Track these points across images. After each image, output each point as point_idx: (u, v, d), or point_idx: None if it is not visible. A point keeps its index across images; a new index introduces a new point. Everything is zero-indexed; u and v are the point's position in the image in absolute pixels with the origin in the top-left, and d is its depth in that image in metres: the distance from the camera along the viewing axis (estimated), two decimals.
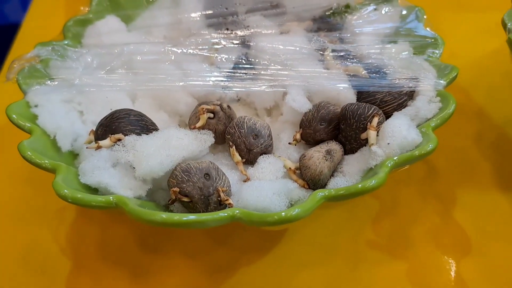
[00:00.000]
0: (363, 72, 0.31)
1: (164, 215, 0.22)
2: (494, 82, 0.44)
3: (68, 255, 0.33)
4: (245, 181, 0.28)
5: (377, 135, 0.28)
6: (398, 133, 0.27)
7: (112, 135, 0.27)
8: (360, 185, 0.24)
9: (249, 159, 0.29)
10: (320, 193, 0.23)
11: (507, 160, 0.39)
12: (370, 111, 0.28)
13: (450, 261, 0.33)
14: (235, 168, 0.29)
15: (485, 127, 0.42)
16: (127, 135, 0.27)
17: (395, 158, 0.25)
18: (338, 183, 0.27)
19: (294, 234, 0.34)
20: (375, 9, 0.38)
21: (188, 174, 0.26)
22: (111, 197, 0.23)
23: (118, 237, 0.34)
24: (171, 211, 0.27)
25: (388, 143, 0.26)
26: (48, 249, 0.33)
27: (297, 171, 0.29)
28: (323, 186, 0.27)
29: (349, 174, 0.28)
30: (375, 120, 0.28)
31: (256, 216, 0.23)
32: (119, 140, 0.27)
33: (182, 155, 0.27)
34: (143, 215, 0.22)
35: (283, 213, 0.22)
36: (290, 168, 0.28)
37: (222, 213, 0.22)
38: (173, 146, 0.27)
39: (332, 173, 0.28)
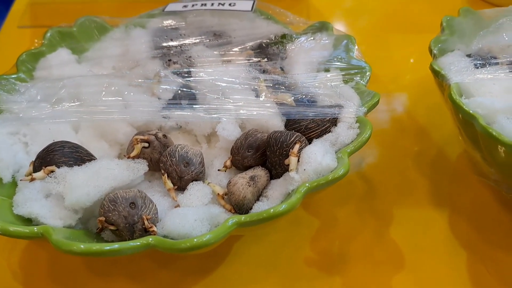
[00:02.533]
0: (289, 100, 0.33)
1: (82, 246, 0.24)
2: (435, 102, 0.46)
3: (19, 280, 0.34)
4: (176, 207, 0.30)
5: (298, 161, 0.30)
6: (314, 159, 0.28)
7: (46, 167, 0.29)
8: (272, 210, 0.25)
9: (181, 186, 0.31)
10: (231, 220, 0.25)
11: (443, 179, 0.41)
12: (292, 138, 0.30)
13: (384, 277, 0.34)
14: (169, 195, 0.31)
15: (424, 146, 0.44)
16: (60, 167, 0.29)
17: (307, 184, 0.27)
18: (260, 207, 0.29)
19: (237, 254, 0.36)
20: (312, 38, 0.40)
21: (114, 203, 0.27)
22: (35, 228, 0.25)
23: (68, 262, 0.35)
24: (103, 238, 0.28)
25: (304, 169, 0.28)
26: (1, 274, 0.34)
27: (226, 196, 0.30)
28: (248, 210, 0.29)
29: (272, 199, 0.29)
30: (297, 146, 0.30)
31: (169, 244, 0.24)
32: (52, 172, 0.29)
33: (111, 185, 0.28)
34: (62, 246, 0.24)
35: (195, 240, 0.24)
36: (218, 193, 0.30)
37: (134, 242, 0.24)
38: (103, 176, 0.28)
39: (258, 197, 0.30)
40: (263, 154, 0.32)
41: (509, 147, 0.28)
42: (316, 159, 0.28)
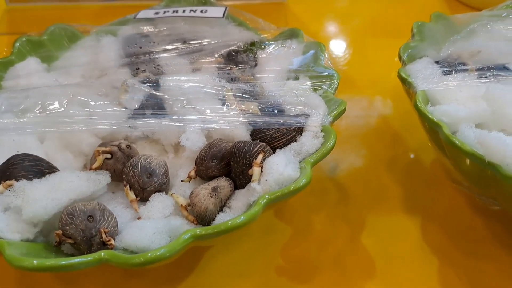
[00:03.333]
0: (255, 109, 0.33)
1: (35, 261, 0.23)
2: (411, 108, 0.46)
3: None
4: (139, 218, 0.29)
5: (261, 172, 0.29)
6: (276, 169, 0.28)
7: (5, 182, 0.29)
8: (230, 222, 0.25)
9: (144, 197, 0.30)
10: (185, 234, 0.24)
11: (417, 185, 0.41)
12: (256, 149, 0.30)
13: (354, 285, 0.34)
14: (132, 207, 0.30)
15: (399, 152, 0.44)
16: (19, 180, 0.29)
17: (266, 196, 0.27)
18: (223, 218, 0.28)
19: (208, 263, 0.35)
20: (282, 45, 0.40)
21: (72, 216, 0.27)
22: None
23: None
24: (63, 251, 0.28)
25: (266, 180, 0.28)
26: None
27: (189, 207, 0.30)
28: (210, 221, 0.29)
29: (235, 209, 0.29)
30: (260, 157, 0.29)
31: (122, 258, 0.24)
32: (10, 186, 0.28)
33: (69, 197, 0.28)
34: (14, 261, 0.23)
35: (149, 254, 0.23)
36: (181, 204, 0.30)
37: (85, 258, 0.23)
38: (62, 189, 0.28)
39: (221, 208, 0.30)
40: (228, 164, 0.31)
41: (471, 156, 0.27)
42: (278, 169, 0.28)
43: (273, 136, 0.32)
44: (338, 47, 0.56)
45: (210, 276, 0.34)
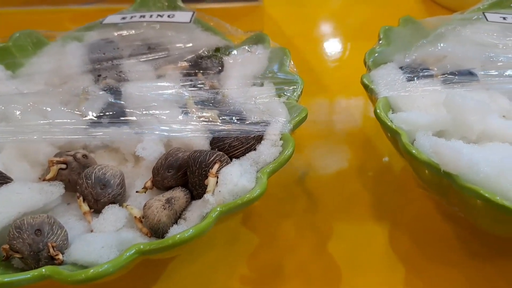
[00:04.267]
0: (214, 117, 0.32)
1: None
2: None
3: None
4: (92, 231, 0.29)
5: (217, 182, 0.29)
6: (230, 180, 0.27)
7: None
8: (178, 236, 0.24)
9: (98, 209, 0.30)
10: (129, 251, 0.24)
11: (386, 191, 0.40)
12: (212, 158, 0.29)
13: None
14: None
15: (369, 158, 0.43)
16: None
17: (218, 208, 0.26)
18: (177, 230, 0.28)
19: (172, 273, 0.35)
20: (248, 51, 0.39)
21: (19, 230, 0.26)
22: None
23: None
24: (13, 265, 0.27)
25: (220, 191, 0.27)
26: None
27: (144, 219, 0.29)
28: (163, 234, 0.28)
29: (190, 221, 0.28)
30: (216, 167, 0.29)
31: (64, 275, 0.23)
32: None
33: (19, 210, 0.27)
34: None
35: (91, 270, 0.23)
36: (135, 216, 0.29)
37: (25, 275, 0.23)
38: (11, 201, 0.27)
39: (176, 220, 0.29)
40: (185, 174, 0.31)
41: (427, 165, 0.27)
42: (232, 180, 0.27)
43: (232, 145, 0.31)
44: (313, 50, 0.56)
45: (174, 286, 0.34)
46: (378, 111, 0.31)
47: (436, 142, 0.26)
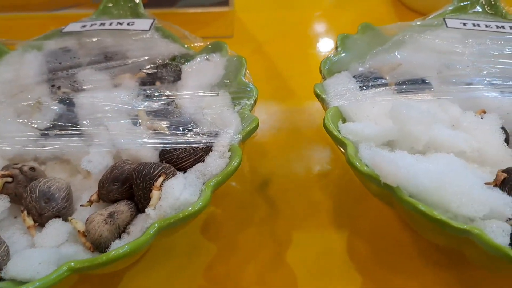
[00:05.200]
0: (164, 128, 0.32)
1: None
2: None
3: None
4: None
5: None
6: (171, 194, 0.27)
7: None
8: (112, 253, 0.24)
9: (42, 223, 0.29)
10: (60, 269, 0.24)
11: (347, 199, 0.40)
12: (156, 171, 0.29)
13: None
14: None
15: (332, 166, 0.43)
16: None
17: (156, 224, 0.26)
18: (118, 245, 0.27)
19: (131, 282, 0.34)
20: (206, 59, 0.39)
21: None
22: None
23: None
24: None
25: (161, 205, 0.27)
26: None
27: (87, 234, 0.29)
28: (105, 249, 0.28)
29: (133, 235, 0.28)
30: (160, 180, 0.29)
31: None
32: None
33: None
34: None
35: None
36: (79, 230, 0.29)
37: None
38: None
39: (119, 234, 0.29)
40: (131, 187, 0.30)
41: (368, 177, 0.27)
42: (173, 194, 0.27)
43: (180, 157, 0.31)
44: (283, 55, 0.55)
45: None
46: (326, 121, 0.30)
47: (374, 154, 0.26)
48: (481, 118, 0.31)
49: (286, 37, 0.58)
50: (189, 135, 0.31)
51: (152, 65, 0.38)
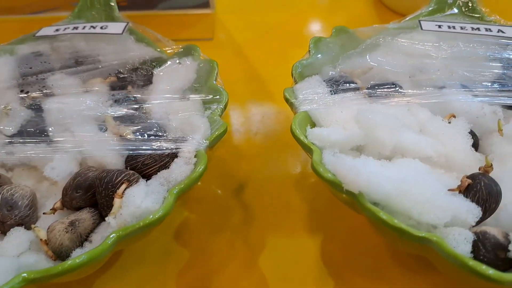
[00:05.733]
0: (129, 134, 0.31)
1: None
2: None
3: None
4: None
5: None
6: (132, 202, 0.27)
7: None
8: (69, 263, 0.24)
9: (5, 231, 0.29)
10: (13, 281, 0.23)
11: (322, 204, 0.40)
12: (119, 179, 0.29)
13: None
14: None
15: (307, 171, 0.43)
16: None
17: (112, 235, 0.25)
18: (79, 253, 0.27)
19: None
20: (178, 63, 0.38)
21: None
22: None
23: None
24: None
25: (121, 214, 0.27)
26: None
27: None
28: (67, 257, 0.27)
29: (95, 243, 0.28)
30: (122, 187, 0.28)
31: None
32: None
33: None
34: None
35: None
36: (41, 239, 0.28)
37: None
38: None
39: (81, 242, 0.28)
40: (95, 194, 0.30)
41: (331, 184, 0.26)
42: (134, 202, 0.27)
43: (145, 163, 0.30)
44: (263, 57, 0.55)
45: None
46: (293, 126, 0.30)
47: (336, 161, 0.26)
48: (449, 122, 0.30)
49: (266, 40, 0.58)
50: (155, 141, 0.31)
51: (123, 70, 0.38)
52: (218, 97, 0.35)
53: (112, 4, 0.45)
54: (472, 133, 0.31)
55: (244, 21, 0.60)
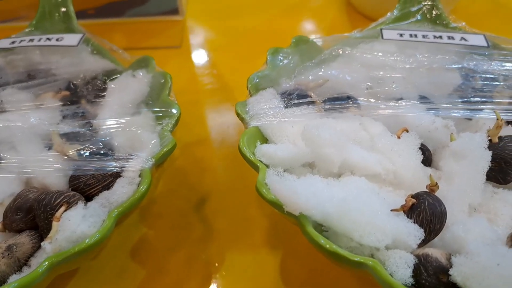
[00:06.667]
0: (72, 153, 0.30)
1: None
2: None
3: None
4: None
5: None
6: (68, 226, 0.26)
7: None
8: None
9: None
10: None
11: (282, 219, 0.39)
12: (58, 201, 0.28)
13: None
14: None
15: None
16: None
17: (45, 262, 0.24)
18: (15, 279, 0.26)
19: None
20: (133, 76, 0.37)
21: None
22: None
23: None
24: None
25: (56, 238, 0.26)
26: None
27: None
28: (3, 283, 0.26)
29: (33, 268, 0.27)
30: (60, 210, 0.27)
31: None
32: None
33: None
34: None
35: None
36: None
37: None
38: None
39: (20, 267, 0.27)
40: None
41: (273, 205, 0.26)
42: (70, 226, 0.26)
43: (88, 183, 0.29)
44: (230, 65, 0.54)
45: None
46: (240, 143, 0.29)
47: (276, 181, 0.25)
48: (399, 137, 0.29)
49: (236, 46, 0.57)
50: (99, 160, 0.30)
51: (75, 83, 0.37)
52: (170, 111, 0.34)
53: (71, 14, 0.44)
54: (424, 148, 0.30)
55: (214, 27, 0.59)
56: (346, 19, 0.59)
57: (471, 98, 0.33)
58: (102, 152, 0.31)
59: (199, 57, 0.55)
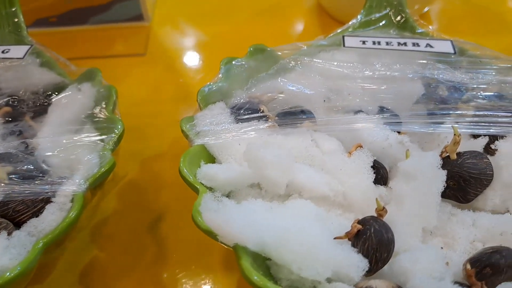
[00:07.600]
0: (1, 176, 0.28)
1: None
2: None
3: None
4: None
5: None
6: None
7: None
8: None
9: None
10: None
11: None
12: None
13: None
14: None
15: None
16: None
17: None
18: None
19: None
20: (77, 89, 0.35)
21: None
22: None
23: None
24: None
25: None
26: None
27: None
28: None
29: None
30: None
31: None
32: None
33: None
34: None
35: None
36: None
37: None
38: None
39: None
40: None
41: (208, 234, 0.23)
42: None
43: (16, 210, 0.27)
44: (198, 73, 0.52)
45: None
46: (181, 164, 0.27)
47: (206, 209, 0.23)
48: (349, 155, 0.27)
49: (203, 53, 0.55)
50: (31, 184, 0.28)
51: (16, 98, 0.35)
52: (113, 128, 0.32)
53: (21, 24, 0.42)
54: (379, 165, 0.28)
55: (182, 33, 0.57)
56: (317, 23, 0.57)
57: (434, 110, 0.32)
58: (34, 174, 0.29)
59: (165, 65, 0.53)
